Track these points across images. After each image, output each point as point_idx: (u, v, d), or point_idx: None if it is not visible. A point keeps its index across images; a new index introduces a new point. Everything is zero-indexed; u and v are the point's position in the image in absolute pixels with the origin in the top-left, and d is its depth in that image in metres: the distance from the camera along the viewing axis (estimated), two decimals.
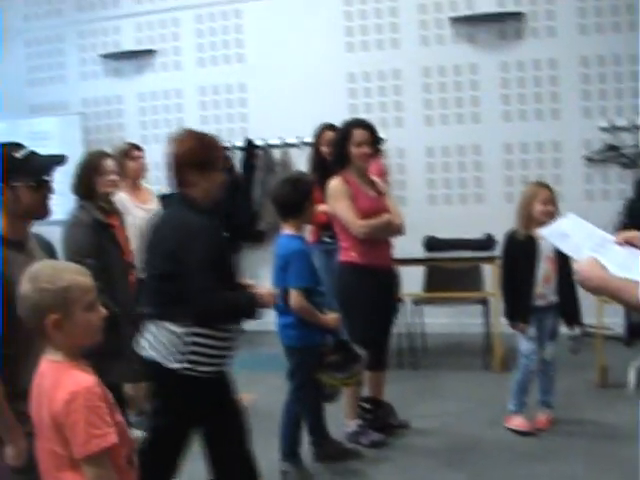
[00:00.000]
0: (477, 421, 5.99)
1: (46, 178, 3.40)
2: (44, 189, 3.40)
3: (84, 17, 9.85)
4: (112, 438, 2.59)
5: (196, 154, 4.07)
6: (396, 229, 5.73)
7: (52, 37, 10.07)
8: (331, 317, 5.10)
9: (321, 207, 5.76)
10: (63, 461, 2.66)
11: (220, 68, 9.20)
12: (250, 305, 3.92)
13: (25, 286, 2.71)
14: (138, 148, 6.86)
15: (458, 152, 8.53)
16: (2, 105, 10.16)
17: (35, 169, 3.35)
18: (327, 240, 6.80)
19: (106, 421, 2.61)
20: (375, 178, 5.94)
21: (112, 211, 5.76)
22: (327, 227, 6.45)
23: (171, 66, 9.44)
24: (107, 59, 9.73)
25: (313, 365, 5.08)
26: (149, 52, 9.47)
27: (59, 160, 3.45)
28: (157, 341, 4.04)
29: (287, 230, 5.06)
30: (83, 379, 2.65)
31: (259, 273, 7.80)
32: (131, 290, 5.63)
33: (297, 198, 5.09)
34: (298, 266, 4.95)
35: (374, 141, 5.75)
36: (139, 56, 9.52)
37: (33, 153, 3.40)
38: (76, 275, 2.74)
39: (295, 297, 4.91)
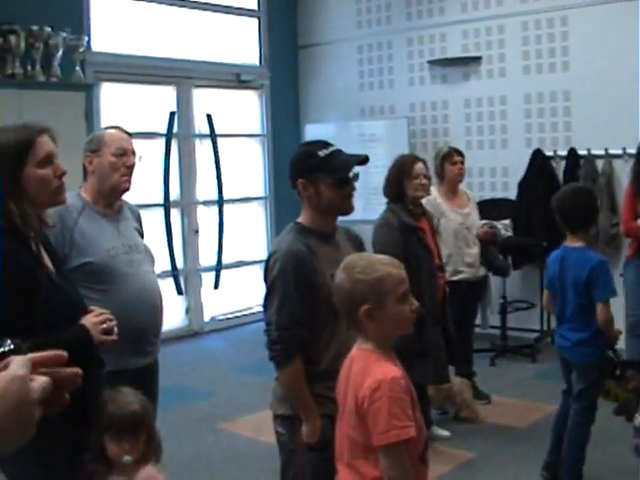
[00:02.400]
0: None
1: (347, 176, 3.56)
2: (345, 187, 3.55)
3: (412, 25, 10.03)
4: (411, 431, 2.63)
5: None
6: None
7: (382, 44, 10.34)
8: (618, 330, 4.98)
9: None
10: (358, 448, 2.76)
11: (545, 76, 9.01)
12: None
13: (340, 276, 2.85)
14: (459, 153, 6.91)
15: None
16: (335, 107, 10.63)
17: (336, 167, 3.52)
18: None
19: (407, 414, 2.66)
20: None
21: (422, 214, 5.85)
22: None
23: (496, 73, 9.39)
24: (434, 65, 9.84)
25: (602, 382, 4.97)
26: (475, 59, 9.47)
27: (361, 160, 3.58)
28: None
29: (576, 243, 4.89)
30: (390, 370, 2.71)
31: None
32: (438, 293, 5.72)
33: (592, 208, 4.97)
34: (605, 278, 4.78)
35: None
36: (465, 63, 9.55)
37: (336, 152, 3.57)
38: (390, 267, 2.83)
39: (603, 310, 4.73)
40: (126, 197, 4.20)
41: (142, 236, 4.26)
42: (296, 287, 3.41)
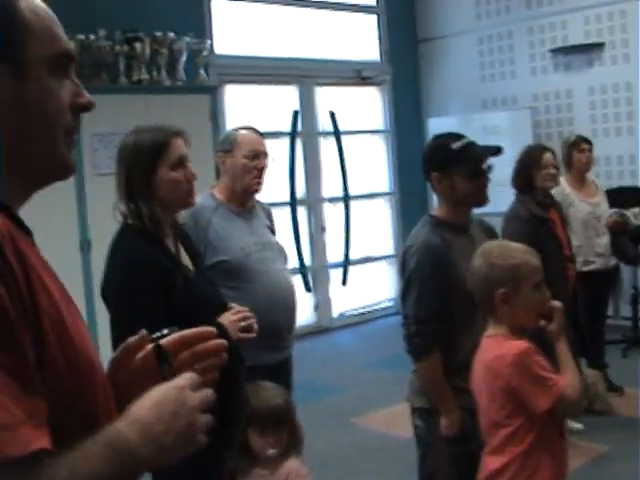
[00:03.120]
0: None
1: (482, 168, 3.60)
2: (480, 179, 3.60)
3: (532, 14, 9.92)
4: (562, 385, 2.73)
5: None
6: None
7: (502, 34, 10.26)
8: None
9: None
10: (507, 430, 2.80)
11: None
12: None
13: (477, 260, 2.95)
14: (587, 141, 6.81)
15: None
16: (457, 100, 10.60)
17: (470, 159, 3.56)
18: None
19: (553, 373, 2.77)
20: None
21: (551, 205, 5.82)
22: None
23: (620, 59, 9.21)
24: (556, 54, 9.71)
25: None
26: (598, 45, 9.31)
27: (494, 151, 3.63)
28: None
29: None
30: (520, 343, 2.80)
31: None
32: (569, 284, 5.67)
33: None
34: None
35: None
36: (588, 50, 9.39)
37: (470, 144, 3.61)
38: (526, 255, 2.92)
39: None
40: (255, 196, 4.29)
41: (274, 233, 4.35)
42: (433, 280, 3.46)
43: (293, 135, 9.86)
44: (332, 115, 10.25)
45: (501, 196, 8.38)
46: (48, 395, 1.27)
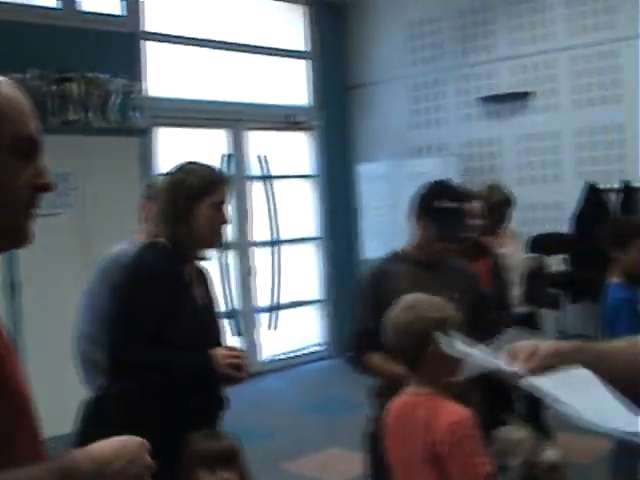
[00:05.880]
0: None
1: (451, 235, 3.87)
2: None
3: (463, 62, 10.09)
4: (489, 467, 2.68)
5: None
6: None
7: (433, 81, 10.43)
8: None
9: None
10: None
11: (596, 109, 9.02)
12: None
13: (403, 313, 2.94)
14: (509, 203, 6.62)
15: None
16: (387, 146, 10.68)
17: (445, 225, 3.82)
18: None
19: (484, 451, 2.71)
20: None
21: (479, 255, 5.79)
22: None
23: (548, 108, 9.40)
24: (485, 102, 9.86)
25: None
26: (526, 94, 9.49)
27: (462, 239, 3.97)
28: None
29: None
30: (460, 409, 2.74)
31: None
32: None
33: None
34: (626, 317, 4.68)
35: None
36: (516, 98, 9.56)
37: (449, 211, 3.82)
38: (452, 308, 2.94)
39: None
40: None
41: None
42: (368, 300, 3.78)
43: None
44: (263, 159, 10.27)
45: None
46: None
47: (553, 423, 6.83)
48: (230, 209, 3.88)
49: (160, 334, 3.15)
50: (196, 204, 3.31)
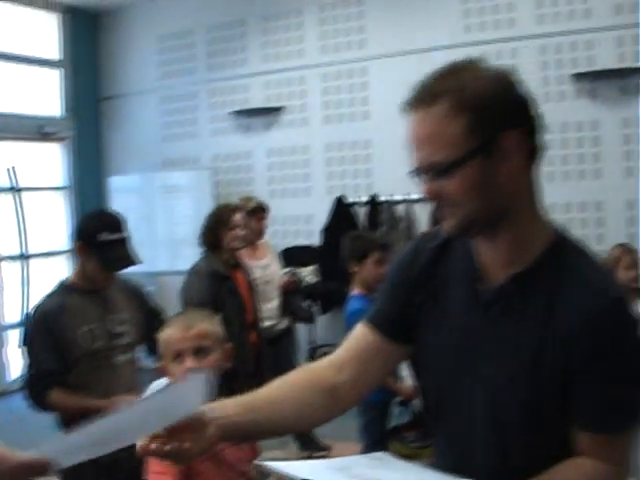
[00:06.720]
0: None
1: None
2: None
3: (214, 76, 10.13)
4: None
5: None
6: None
7: (185, 95, 10.40)
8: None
9: None
10: None
11: (346, 125, 9.28)
12: None
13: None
14: (264, 209, 6.87)
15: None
16: (138, 159, 10.56)
17: (107, 258, 4.03)
18: None
19: None
20: None
21: (236, 266, 5.80)
22: None
23: (298, 123, 9.59)
24: (237, 116, 9.93)
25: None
26: (277, 109, 9.64)
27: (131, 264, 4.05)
28: None
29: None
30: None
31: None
32: (249, 347, 5.63)
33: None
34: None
35: None
36: (268, 113, 9.69)
37: (117, 243, 4.00)
38: (209, 319, 2.96)
39: None
40: None
41: None
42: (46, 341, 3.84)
43: None
44: (12, 171, 9.91)
45: (182, 255, 8.48)
46: None
47: None
48: None
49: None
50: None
